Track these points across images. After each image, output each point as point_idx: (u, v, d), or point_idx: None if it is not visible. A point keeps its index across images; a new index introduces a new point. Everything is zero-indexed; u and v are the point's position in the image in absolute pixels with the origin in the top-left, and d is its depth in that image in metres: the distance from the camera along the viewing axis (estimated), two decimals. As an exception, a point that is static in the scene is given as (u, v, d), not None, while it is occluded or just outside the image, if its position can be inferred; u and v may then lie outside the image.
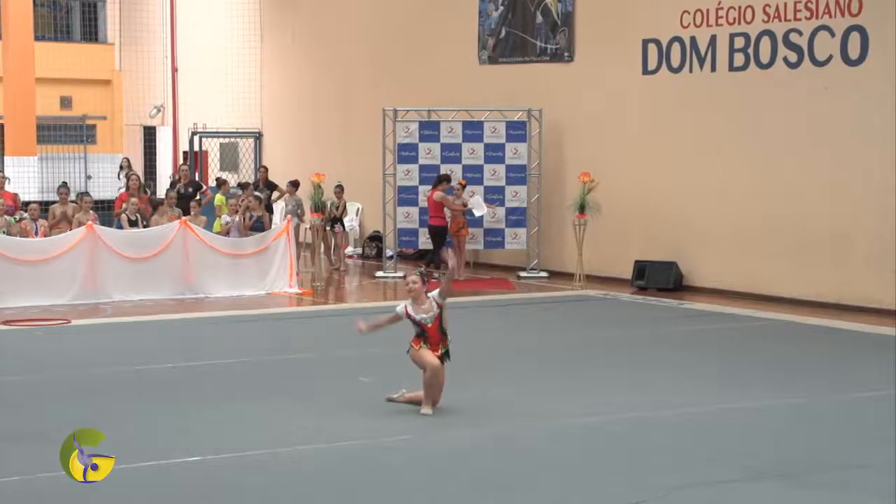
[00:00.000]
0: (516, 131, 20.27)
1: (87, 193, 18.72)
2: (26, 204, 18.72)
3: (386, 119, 20.38)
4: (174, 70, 29.99)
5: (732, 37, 17.60)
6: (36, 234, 17.43)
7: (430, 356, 9.68)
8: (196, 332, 14.34)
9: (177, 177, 22.24)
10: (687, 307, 16.56)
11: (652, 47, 18.70)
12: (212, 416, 9.73)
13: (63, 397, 10.52)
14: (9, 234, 16.79)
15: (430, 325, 9.74)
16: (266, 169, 22.49)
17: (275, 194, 21.71)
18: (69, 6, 33.63)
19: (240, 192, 20.65)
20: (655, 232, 18.66)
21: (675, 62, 18.36)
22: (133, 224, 17.78)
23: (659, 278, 18.22)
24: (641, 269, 18.46)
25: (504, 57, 21.22)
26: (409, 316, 9.75)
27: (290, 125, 26.50)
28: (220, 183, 21.41)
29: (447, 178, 19.61)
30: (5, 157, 26.40)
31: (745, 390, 10.84)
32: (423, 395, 9.78)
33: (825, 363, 12.55)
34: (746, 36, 17.41)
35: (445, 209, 19.39)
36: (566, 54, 20.11)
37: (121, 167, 28.54)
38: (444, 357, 9.78)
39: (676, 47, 18.34)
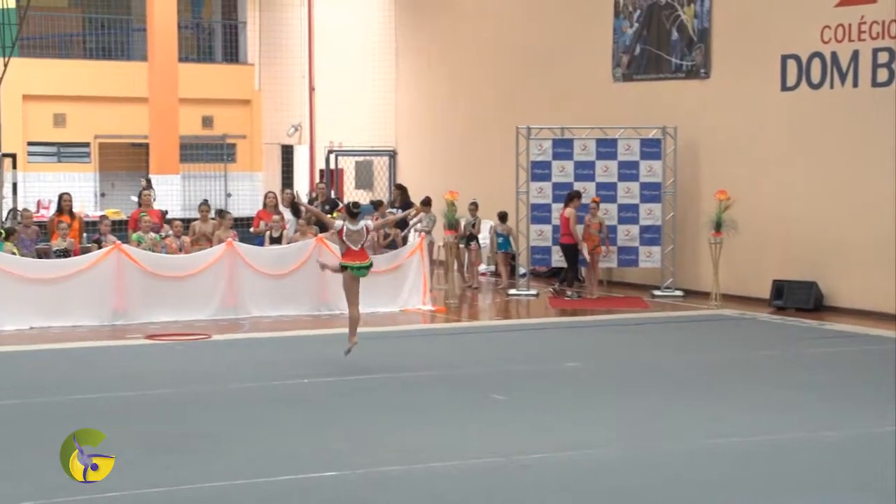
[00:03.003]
0: (651, 149, 20.12)
1: (227, 211, 19.12)
2: (169, 221, 19.17)
3: (519, 137, 20.42)
4: (311, 89, 30.49)
5: (875, 52, 17.19)
6: (179, 250, 17.85)
7: (354, 299, 12.74)
8: (331, 348, 14.50)
9: (314, 195, 22.57)
10: (828, 328, 16.20)
11: (791, 63, 18.37)
12: (347, 432, 9.83)
13: (202, 411, 10.76)
14: (154, 250, 17.23)
15: (356, 249, 12.59)
16: (401, 188, 22.50)
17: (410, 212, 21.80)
18: (211, 28, 34.48)
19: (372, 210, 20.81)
20: (794, 250, 18.31)
21: (816, 78, 18.02)
22: (275, 241, 18.08)
23: (798, 298, 17.86)
24: (780, 288, 18.13)
25: (639, 74, 21.08)
26: (340, 236, 12.54)
27: (423, 143, 26.72)
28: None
29: (579, 195, 19.56)
30: (150, 176, 27.13)
31: (889, 415, 10.54)
32: (350, 330, 12.68)
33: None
34: (891, 51, 16.99)
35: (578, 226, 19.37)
36: (702, 71, 19.90)
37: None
38: (368, 267, 12.77)
39: (817, 63, 18.00)
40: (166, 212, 21.31)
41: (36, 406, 10.82)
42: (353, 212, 12.79)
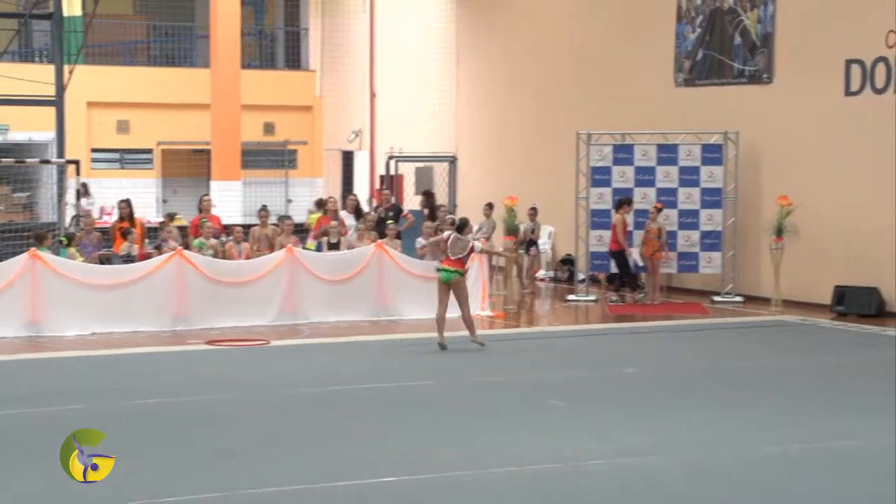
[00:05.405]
0: (712, 154, 19.98)
1: (287, 217, 19.23)
2: (228, 227, 19.29)
3: (580, 142, 20.37)
4: (372, 95, 30.62)
5: (940, 55, 16.97)
6: (239, 256, 17.97)
7: (441, 302, 14.42)
8: (388, 354, 14.56)
9: (377, 203, 22.62)
10: (890, 334, 15.97)
11: (855, 68, 18.15)
12: (405, 437, 9.86)
13: (261, 416, 10.83)
14: (215, 256, 17.36)
15: (453, 259, 14.30)
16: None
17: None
18: (274, 35, 34.73)
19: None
20: (856, 256, 18.08)
21: (880, 83, 17.79)
22: (334, 247, 18.15)
23: (860, 304, 17.65)
24: (841, 294, 17.93)
25: (700, 79, 20.95)
26: (445, 245, 14.51)
27: (484, 148, 26.72)
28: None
29: (629, 202, 19.50)
30: (211, 182, 27.36)
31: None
32: (438, 328, 14.39)
33: None
34: (955, 54, 16.77)
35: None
36: (765, 76, 19.73)
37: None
38: (453, 273, 14.34)
39: (881, 68, 17.76)
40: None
41: (98, 411, 10.95)
42: (460, 227, 14.76)
